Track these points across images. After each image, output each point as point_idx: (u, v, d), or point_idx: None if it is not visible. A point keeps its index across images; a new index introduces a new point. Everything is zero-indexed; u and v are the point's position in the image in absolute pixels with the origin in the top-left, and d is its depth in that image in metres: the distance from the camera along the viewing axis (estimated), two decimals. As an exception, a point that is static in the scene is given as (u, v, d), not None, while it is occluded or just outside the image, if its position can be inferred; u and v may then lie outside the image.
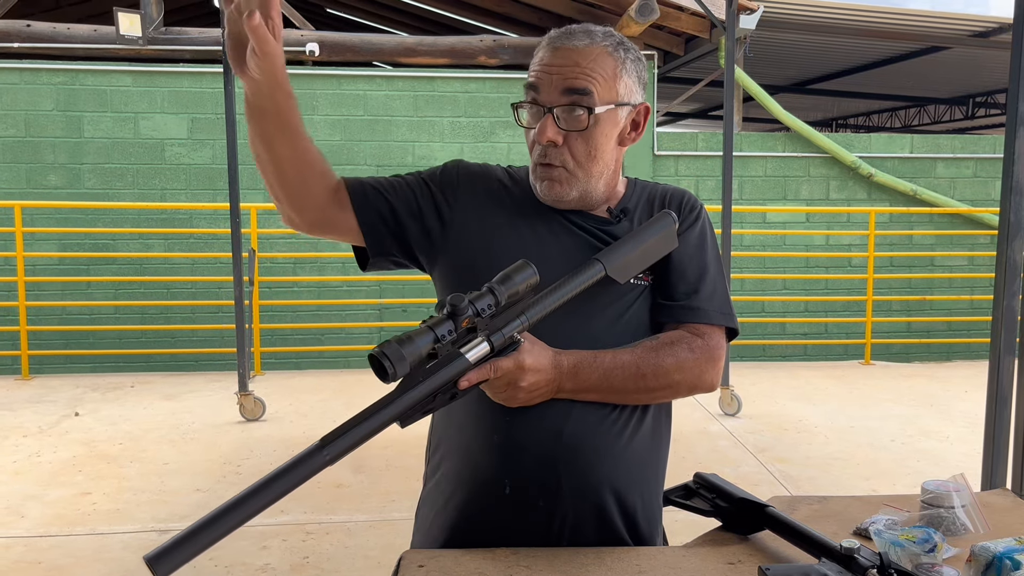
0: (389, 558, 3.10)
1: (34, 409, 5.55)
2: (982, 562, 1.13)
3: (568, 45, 1.31)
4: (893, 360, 7.43)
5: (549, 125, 1.30)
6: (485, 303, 1.12)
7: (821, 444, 4.81)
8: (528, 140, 1.36)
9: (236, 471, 4.27)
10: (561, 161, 1.32)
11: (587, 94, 1.29)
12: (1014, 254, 2.67)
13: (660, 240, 1.33)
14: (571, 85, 1.29)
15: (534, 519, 1.29)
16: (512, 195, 1.41)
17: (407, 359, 1.04)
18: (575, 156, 1.32)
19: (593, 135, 1.31)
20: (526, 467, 1.28)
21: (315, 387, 6.24)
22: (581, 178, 1.33)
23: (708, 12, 5.65)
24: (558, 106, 1.29)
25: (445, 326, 1.08)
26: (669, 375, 1.29)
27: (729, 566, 1.22)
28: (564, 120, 1.30)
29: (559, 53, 1.31)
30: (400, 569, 1.23)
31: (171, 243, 6.80)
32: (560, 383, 1.23)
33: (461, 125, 7.01)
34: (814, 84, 12.67)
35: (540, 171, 1.35)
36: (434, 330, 1.07)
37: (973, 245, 7.51)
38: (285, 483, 1.04)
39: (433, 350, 1.07)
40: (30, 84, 6.59)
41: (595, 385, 1.26)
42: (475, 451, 1.32)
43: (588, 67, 1.30)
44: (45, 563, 3.19)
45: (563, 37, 1.33)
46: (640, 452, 1.34)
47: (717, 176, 7.08)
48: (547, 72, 1.31)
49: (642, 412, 1.35)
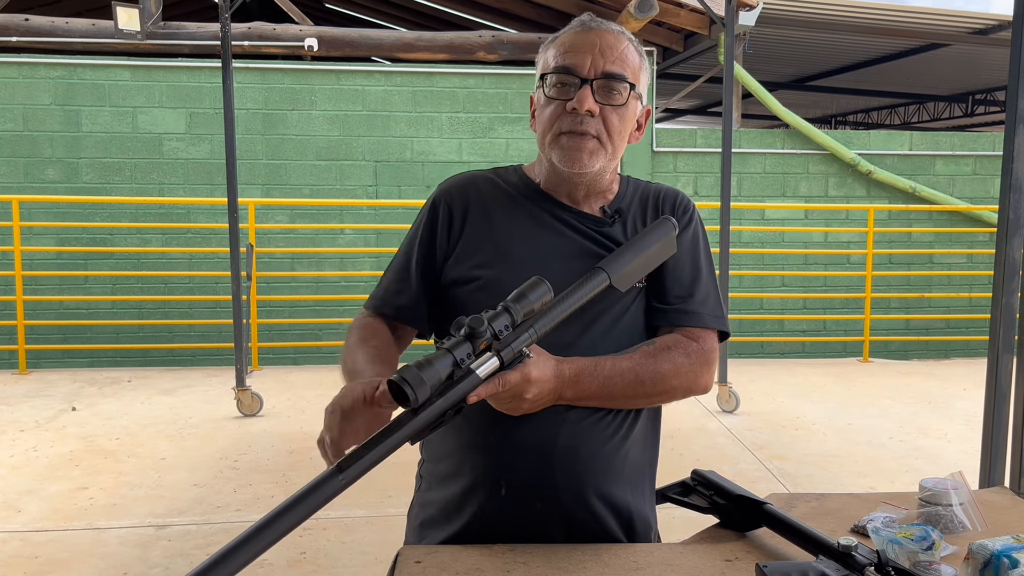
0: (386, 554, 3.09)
1: (31, 404, 5.54)
2: (980, 560, 1.13)
3: (603, 28, 1.34)
4: (891, 357, 7.44)
5: (588, 95, 1.30)
6: (502, 324, 1.11)
7: (819, 441, 4.81)
8: (547, 113, 1.34)
9: (233, 466, 4.26)
10: (596, 131, 1.32)
11: (624, 75, 1.32)
12: (1013, 252, 2.66)
13: (661, 247, 1.33)
14: (611, 63, 1.31)
15: (530, 520, 1.29)
16: (502, 198, 1.41)
17: (427, 383, 1.03)
18: (609, 129, 1.33)
19: (626, 113, 1.34)
20: (522, 468, 1.28)
21: (312, 382, 6.23)
22: (608, 152, 1.34)
23: (707, 8, 5.64)
24: (597, 79, 1.31)
25: (464, 349, 1.08)
26: (666, 381, 1.30)
27: (726, 563, 1.22)
28: (600, 93, 1.31)
29: (594, 34, 1.33)
30: (397, 565, 1.23)
31: (169, 238, 6.79)
32: (561, 391, 1.23)
33: (460, 121, 6.99)
34: (813, 81, 12.66)
35: (567, 140, 1.33)
36: (453, 353, 1.07)
37: (972, 242, 7.51)
38: (302, 510, 1.04)
39: (451, 373, 1.07)
40: (28, 78, 6.57)
41: (595, 393, 1.26)
42: (471, 453, 1.32)
43: (624, 51, 1.34)
44: (42, 557, 3.19)
45: (595, 22, 1.36)
46: (634, 454, 1.36)
47: (716, 172, 7.08)
48: (586, 48, 1.32)
49: (635, 415, 1.36)
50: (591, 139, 1.32)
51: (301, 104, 6.84)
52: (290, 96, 6.83)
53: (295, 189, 6.88)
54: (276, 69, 6.87)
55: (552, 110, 1.33)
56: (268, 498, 3.79)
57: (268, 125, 6.82)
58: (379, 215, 6.93)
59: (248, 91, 6.73)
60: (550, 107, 1.34)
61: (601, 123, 1.32)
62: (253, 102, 6.77)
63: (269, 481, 4.03)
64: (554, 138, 1.34)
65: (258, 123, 6.80)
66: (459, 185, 1.44)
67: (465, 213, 1.39)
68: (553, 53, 1.35)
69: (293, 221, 6.89)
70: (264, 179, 6.83)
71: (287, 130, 6.84)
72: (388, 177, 6.95)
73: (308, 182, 6.89)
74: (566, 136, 1.33)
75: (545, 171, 1.40)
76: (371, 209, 6.93)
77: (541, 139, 1.37)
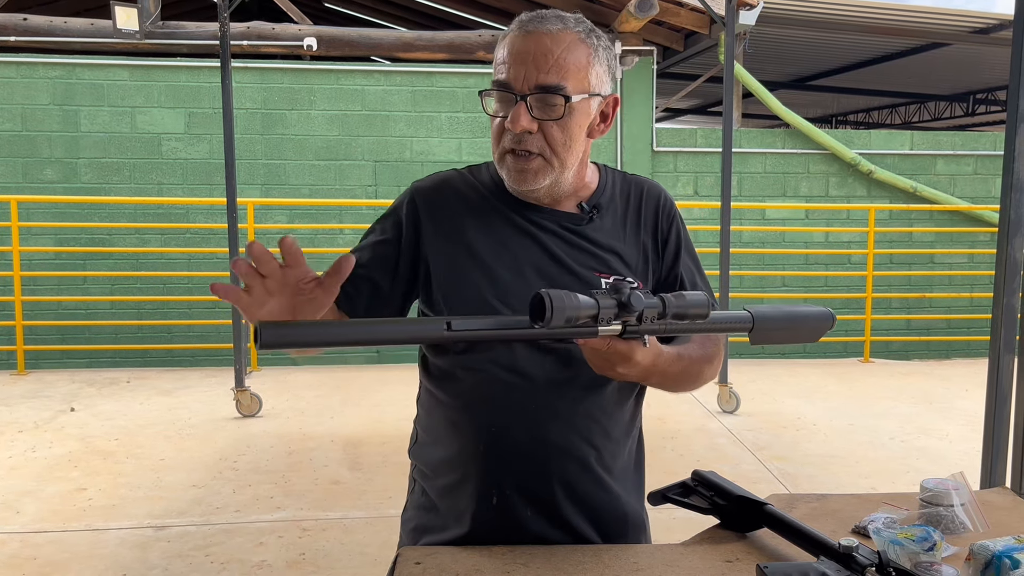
0: (386, 555, 3.09)
1: (30, 404, 5.53)
2: (981, 561, 1.13)
3: (541, 30, 1.24)
4: (892, 358, 7.43)
5: (522, 113, 1.23)
6: (654, 312, 1.09)
7: (820, 442, 4.81)
8: (494, 128, 1.29)
9: (232, 467, 4.25)
10: (539, 148, 1.25)
11: (562, 85, 1.23)
12: (1014, 251, 2.65)
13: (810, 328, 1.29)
14: (545, 74, 1.22)
15: (522, 525, 1.30)
16: (474, 204, 1.36)
17: (566, 312, 1.01)
18: (552, 144, 1.25)
19: (568, 124, 1.26)
20: (513, 474, 1.29)
21: (312, 383, 6.22)
22: (556, 167, 1.28)
23: (708, 8, 5.63)
24: (531, 94, 1.23)
25: (610, 309, 1.06)
26: (711, 367, 1.37)
27: (727, 564, 1.21)
28: (537, 108, 1.23)
29: (531, 38, 1.24)
30: (397, 566, 1.22)
31: (168, 238, 6.79)
32: (648, 378, 1.24)
33: (459, 120, 6.99)
34: (814, 80, 12.66)
35: (512, 160, 1.27)
36: (599, 305, 1.05)
37: (973, 242, 7.51)
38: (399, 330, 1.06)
39: (586, 322, 1.05)
40: (26, 78, 6.57)
41: (671, 381, 1.28)
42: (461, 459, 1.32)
43: (562, 55, 1.23)
44: (40, 559, 3.18)
45: (535, 21, 1.25)
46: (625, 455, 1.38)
47: (716, 172, 7.07)
48: (520, 58, 1.23)
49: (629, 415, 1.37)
50: (535, 158, 1.26)
51: (300, 104, 6.83)
52: (289, 96, 6.82)
53: (294, 189, 6.87)
54: (275, 69, 6.86)
55: (496, 126, 1.28)
56: (267, 499, 3.78)
57: (267, 125, 6.81)
58: (378, 215, 6.88)
59: (247, 91, 6.72)
60: (495, 122, 1.28)
61: (543, 139, 1.25)
62: (252, 102, 6.77)
63: (268, 482, 4.02)
64: (500, 156, 1.29)
65: (257, 123, 6.79)
66: (434, 187, 1.38)
67: (433, 217, 1.35)
68: (498, 59, 1.27)
69: (292, 221, 6.88)
70: (263, 179, 6.82)
71: (286, 130, 6.83)
72: (387, 177, 6.94)
73: (307, 182, 6.88)
74: (510, 156, 1.27)
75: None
76: (370, 209, 6.92)
77: (493, 155, 1.32)
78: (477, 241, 1.32)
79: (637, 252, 1.37)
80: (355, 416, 5.25)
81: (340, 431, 4.92)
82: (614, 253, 1.35)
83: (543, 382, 1.28)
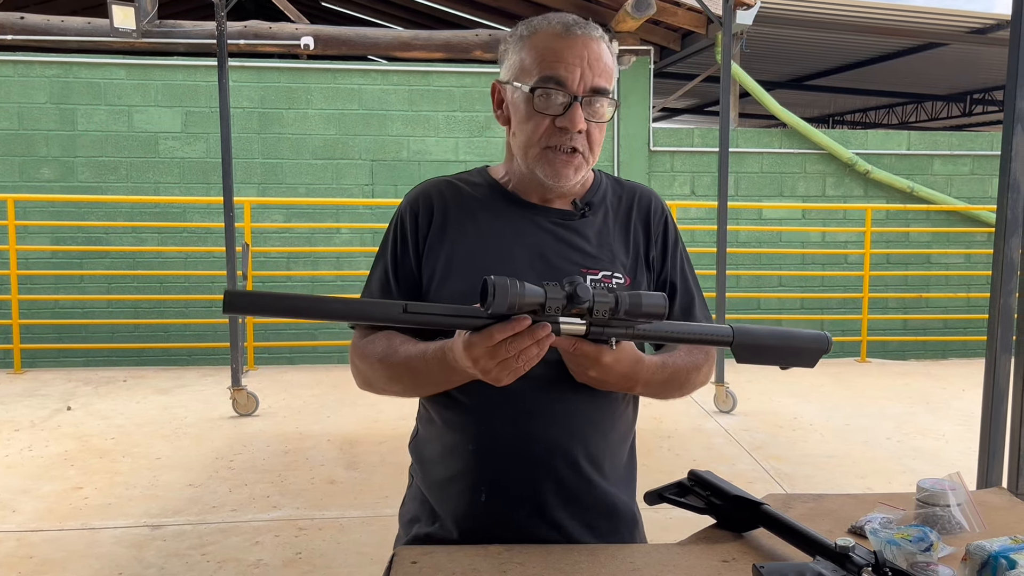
0: (382, 554, 3.08)
1: (26, 403, 5.52)
2: (978, 561, 1.13)
3: (587, 35, 1.30)
4: (889, 358, 7.44)
5: (580, 114, 1.28)
6: (606, 307, 1.09)
7: (816, 442, 4.81)
8: (531, 126, 1.30)
9: (229, 466, 4.25)
10: (582, 147, 1.31)
11: (609, 88, 1.31)
12: (1011, 251, 2.66)
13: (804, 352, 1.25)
14: (598, 76, 1.30)
15: (514, 523, 1.30)
16: (465, 203, 1.38)
17: (508, 298, 1.03)
18: (592, 142, 1.32)
19: (604, 126, 1.34)
20: (503, 473, 1.30)
21: (308, 382, 6.22)
22: (588, 165, 1.35)
23: (705, 8, 5.63)
24: (586, 96, 1.29)
25: (558, 301, 1.07)
26: (699, 376, 1.40)
27: (723, 564, 1.21)
28: (586, 109, 1.29)
29: (580, 42, 1.29)
30: (393, 565, 1.22)
31: (164, 237, 6.78)
32: (632, 387, 1.29)
33: (456, 120, 6.98)
34: (811, 80, 12.68)
35: (555, 156, 1.31)
36: (547, 295, 1.06)
37: (970, 242, 7.52)
38: (356, 309, 1.11)
39: (533, 311, 1.07)
40: (23, 77, 6.56)
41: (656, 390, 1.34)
42: (454, 457, 1.33)
43: (607, 61, 1.32)
44: (37, 557, 3.17)
45: (578, 25, 1.31)
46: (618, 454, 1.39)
47: (713, 172, 7.07)
48: (575, 60, 1.28)
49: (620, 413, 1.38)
50: (577, 155, 1.31)
51: (297, 103, 6.83)
52: (286, 95, 6.81)
53: (291, 188, 6.86)
54: (272, 68, 6.86)
55: (537, 123, 1.30)
56: (263, 498, 3.78)
57: (264, 124, 6.80)
58: (375, 214, 6.92)
59: (244, 90, 6.72)
60: (535, 119, 1.30)
61: (585, 138, 1.31)
62: (249, 101, 6.76)
63: (264, 481, 4.01)
64: (541, 152, 1.31)
65: (254, 122, 6.78)
66: (424, 195, 1.40)
67: (431, 223, 1.37)
68: (534, 57, 1.29)
69: (289, 220, 6.88)
70: (260, 178, 6.82)
71: (283, 129, 6.82)
72: (384, 176, 6.94)
73: (304, 181, 6.87)
74: (553, 151, 1.31)
75: (519, 174, 1.37)
76: (367, 208, 6.92)
77: (523, 149, 1.33)
78: (467, 238, 1.35)
79: (628, 252, 1.39)
80: (351, 415, 5.25)
81: (337, 430, 4.91)
82: (605, 250, 1.37)
83: (534, 381, 1.28)
